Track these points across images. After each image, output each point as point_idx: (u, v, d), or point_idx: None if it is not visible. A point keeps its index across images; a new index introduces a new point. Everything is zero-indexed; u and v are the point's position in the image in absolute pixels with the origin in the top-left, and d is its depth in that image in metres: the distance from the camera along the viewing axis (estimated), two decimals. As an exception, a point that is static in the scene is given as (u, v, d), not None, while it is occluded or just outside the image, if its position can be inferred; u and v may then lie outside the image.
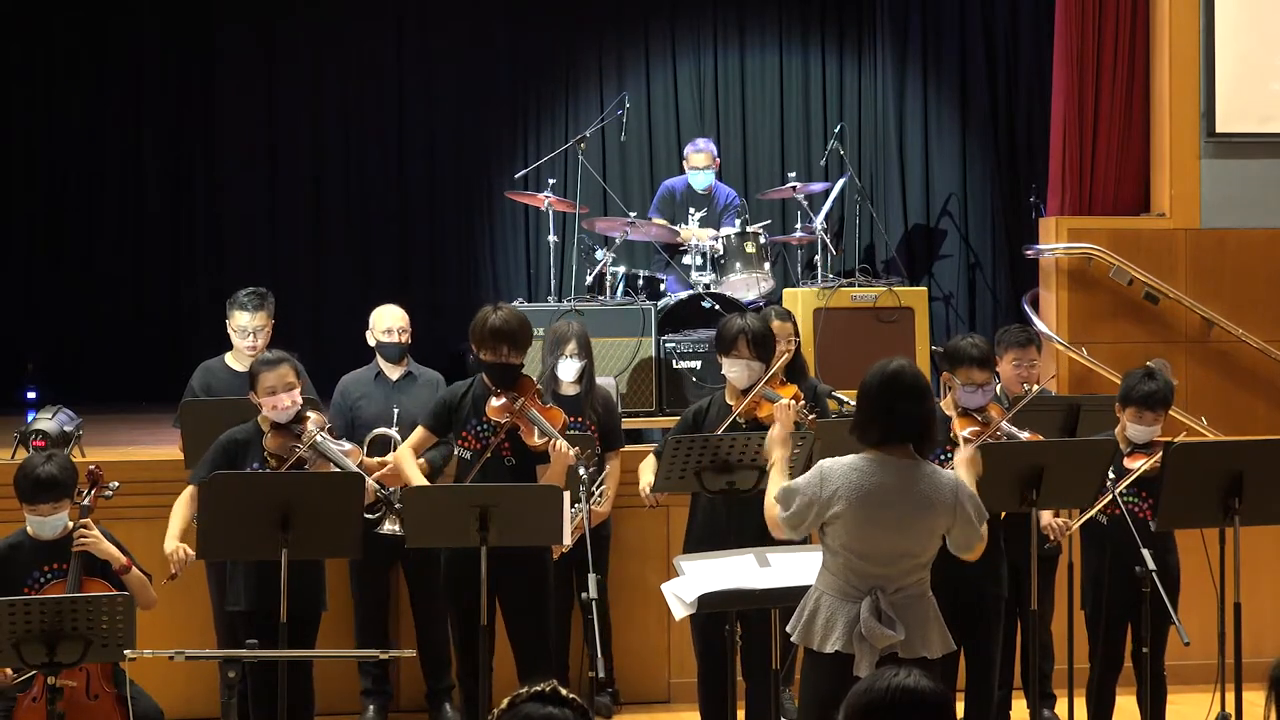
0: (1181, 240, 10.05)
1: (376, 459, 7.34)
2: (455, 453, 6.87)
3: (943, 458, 6.38)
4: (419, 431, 6.84)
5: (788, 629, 5.32)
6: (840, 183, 11.52)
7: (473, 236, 13.22)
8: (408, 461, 6.80)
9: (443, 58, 13.13)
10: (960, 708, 6.71)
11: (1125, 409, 6.91)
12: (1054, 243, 10.04)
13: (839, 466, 5.21)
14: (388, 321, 7.98)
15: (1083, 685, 7.04)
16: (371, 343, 8.00)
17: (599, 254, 10.18)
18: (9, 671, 6.17)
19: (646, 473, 6.93)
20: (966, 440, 6.57)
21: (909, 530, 5.15)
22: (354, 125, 13.15)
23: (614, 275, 10.08)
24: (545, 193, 10.26)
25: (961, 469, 5.64)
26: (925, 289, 11.03)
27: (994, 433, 6.61)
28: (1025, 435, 6.72)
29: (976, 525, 5.26)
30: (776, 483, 5.44)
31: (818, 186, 11.31)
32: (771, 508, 5.33)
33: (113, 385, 11.94)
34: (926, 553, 5.22)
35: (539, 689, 3.35)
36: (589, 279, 10.10)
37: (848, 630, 5.11)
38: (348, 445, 6.81)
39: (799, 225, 10.84)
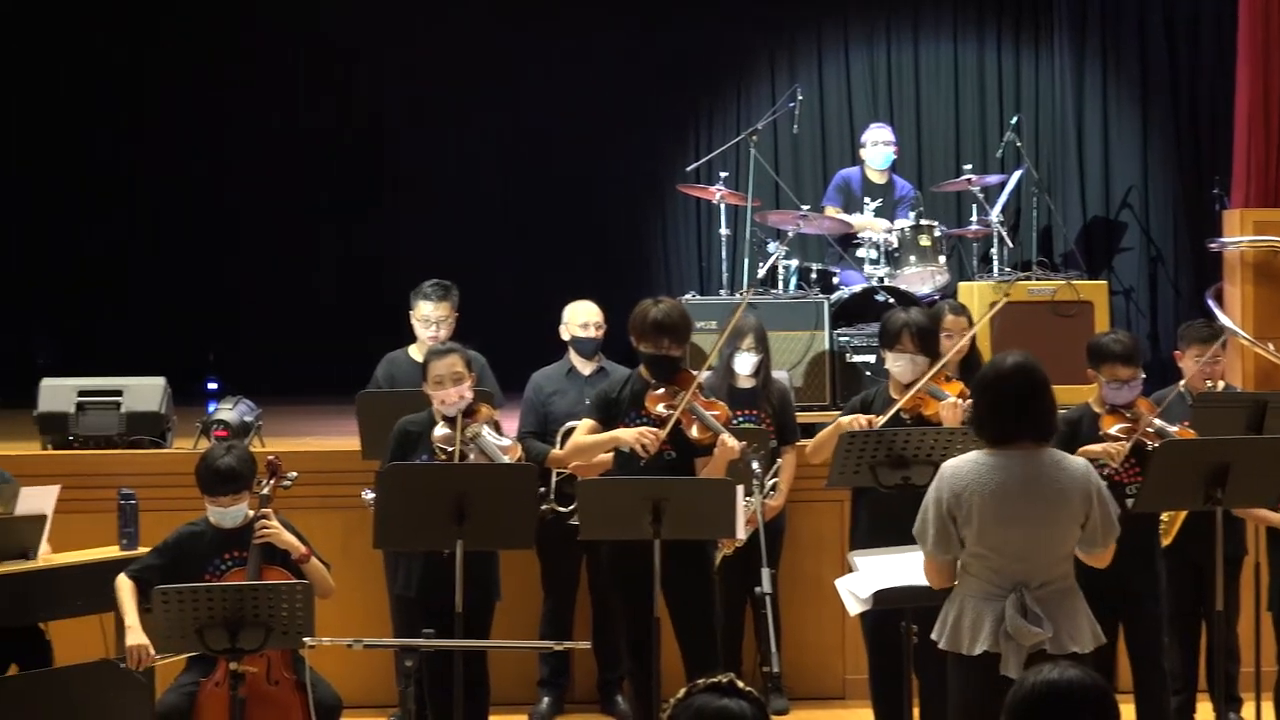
0: (1370, 232, 9.76)
1: (563, 455, 7.38)
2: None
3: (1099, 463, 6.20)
4: (587, 423, 6.79)
5: (933, 635, 5.24)
6: (1017, 175, 11.35)
7: (645, 231, 13.26)
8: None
9: (615, 52, 13.15)
10: (1130, 709, 6.56)
11: None
12: (1238, 235, 9.81)
13: (964, 465, 5.12)
14: (583, 316, 7.97)
15: (1269, 688, 6.89)
16: (566, 337, 8.00)
17: (771, 247, 10.14)
18: (152, 651, 6.30)
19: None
20: (1114, 437, 6.44)
21: (1045, 522, 5.06)
22: (527, 120, 13.23)
23: (786, 268, 10.03)
24: (717, 186, 10.26)
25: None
26: (1105, 282, 10.84)
27: (1144, 429, 6.47)
28: (1175, 430, 6.57)
29: (1112, 513, 5.14)
30: None
31: (994, 179, 11.15)
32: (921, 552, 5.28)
33: (293, 376, 12.15)
34: (1066, 544, 5.11)
35: (715, 680, 3.35)
36: (761, 272, 10.05)
37: (994, 630, 5.03)
38: (506, 441, 6.80)
39: (974, 218, 10.71)
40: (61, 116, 12.89)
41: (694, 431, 6.53)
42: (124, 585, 6.46)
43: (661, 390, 6.57)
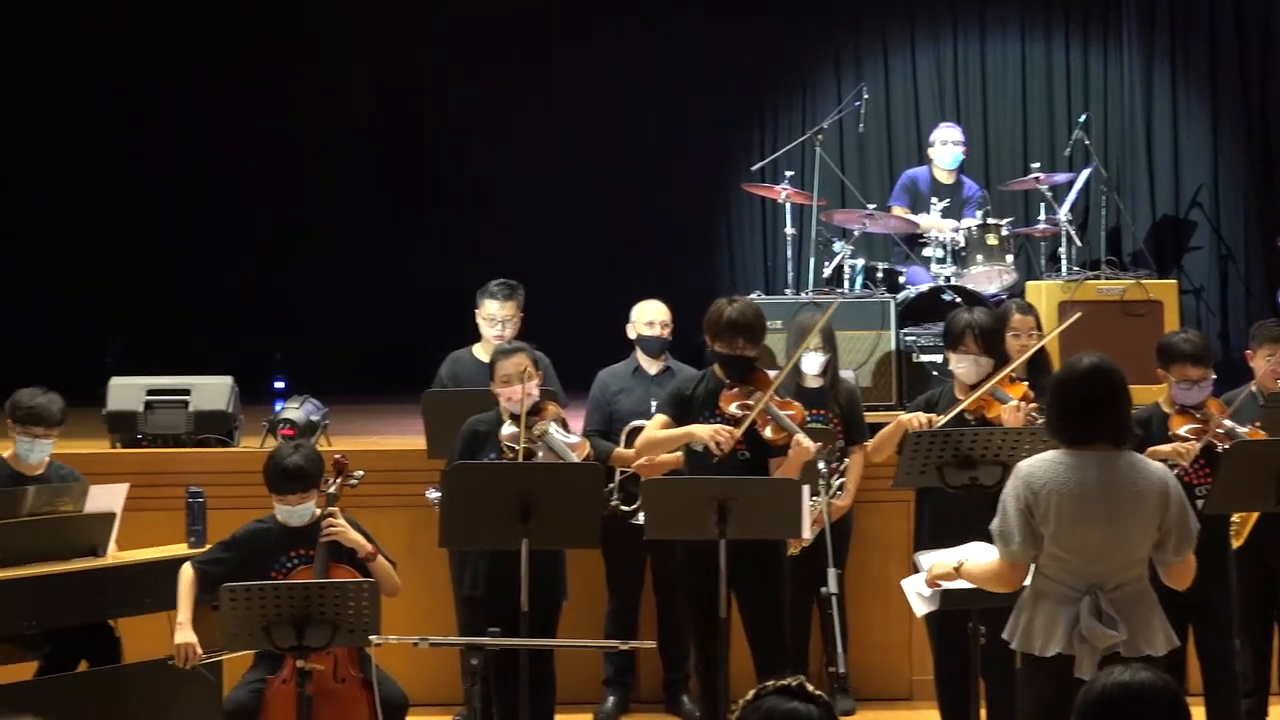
0: None
1: (634, 450, 7.38)
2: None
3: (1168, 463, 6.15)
4: (660, 418, 6.78)
5: (1004, 635, 5.20)
6: (1085, 173, 11.27)
7: (710, 230, 13.24)
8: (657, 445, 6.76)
9: (678, 51, 13.12)
10: (1201, 712, 6.50)
11: None
12: (1310, 234, 9.72)
13: (1040, 464, 5.08)
14: (650, 315, 7.99)
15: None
16: (632, 335, 8.01)
17: (836, 246, 10.11)
18: (198, 650, 6.34)
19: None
20: (1184, 438, 6.38)
21: (1122, 523, 5.01)
22: (592, 120, 13.21)
23: (852, 267, 9.99)
24: (782, 185, 10.23)
25: None
26: (1175, 281, 10.74)
27: (1214, 429, 6.40)
28: (1245, 431, 6.50)
29: (1190, 522, 5.09)
30: None
31: (1061, 177, 11.08)
32: (989, 564, 5.21)
33: (358, 375, 12.19)
34: (1143, 546, 5.07)
35: (785, 683, 3.34)
36: (827, 271, 10.02)
37: (1068, 632, 5.00)
38: (575, 439, 6.80)
39: (1042, 217, 10.64)
40: (81, 117, 12.92)
41: (768, 432, 6.52)
42: (186, 577, 6.51)
43: (736, 390, 6.57)
